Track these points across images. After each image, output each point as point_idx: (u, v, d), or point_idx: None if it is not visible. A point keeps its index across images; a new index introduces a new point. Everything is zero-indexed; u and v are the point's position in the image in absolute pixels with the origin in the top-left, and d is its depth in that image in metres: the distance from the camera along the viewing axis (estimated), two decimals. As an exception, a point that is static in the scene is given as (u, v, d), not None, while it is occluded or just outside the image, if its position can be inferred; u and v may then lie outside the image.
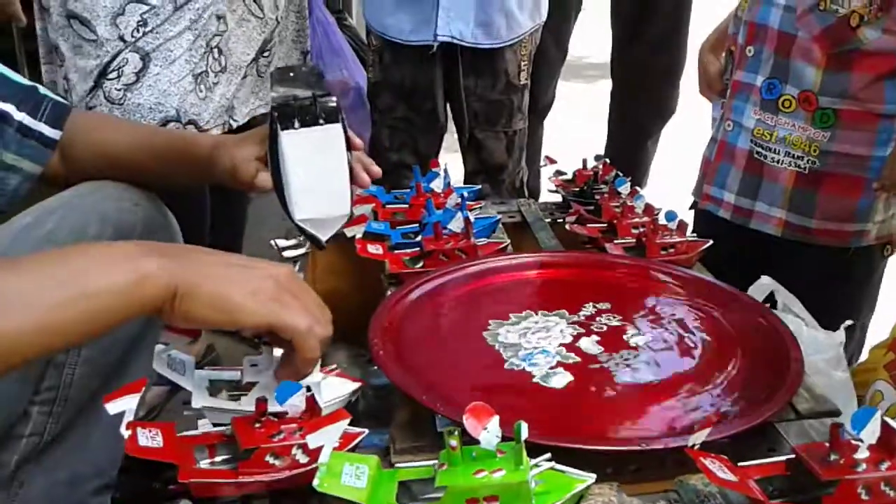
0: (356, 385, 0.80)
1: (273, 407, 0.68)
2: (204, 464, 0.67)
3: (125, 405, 0.64)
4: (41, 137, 0.97)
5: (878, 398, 1.07)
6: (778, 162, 1.29)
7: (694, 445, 0.60)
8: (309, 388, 0.74)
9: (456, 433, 0.61)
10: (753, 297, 1.06)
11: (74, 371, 1.07)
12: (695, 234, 1.12)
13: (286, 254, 1.20)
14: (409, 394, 0.75)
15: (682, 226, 1.10)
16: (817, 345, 1.08)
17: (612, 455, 0.68)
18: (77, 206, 0.94)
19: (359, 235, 1.10)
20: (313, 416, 0.69)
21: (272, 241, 1.24)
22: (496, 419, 0.61)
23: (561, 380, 0.80)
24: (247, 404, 0.74)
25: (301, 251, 1.21)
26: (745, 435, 0.69)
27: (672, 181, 2.04)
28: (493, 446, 0.61)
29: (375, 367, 0.86)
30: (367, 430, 0.71)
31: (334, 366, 0.83)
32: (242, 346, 1.03)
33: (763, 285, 1.16)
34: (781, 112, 1.27)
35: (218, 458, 0.68)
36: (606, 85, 2.28)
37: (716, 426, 0.67)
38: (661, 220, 1.12)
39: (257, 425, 0.67)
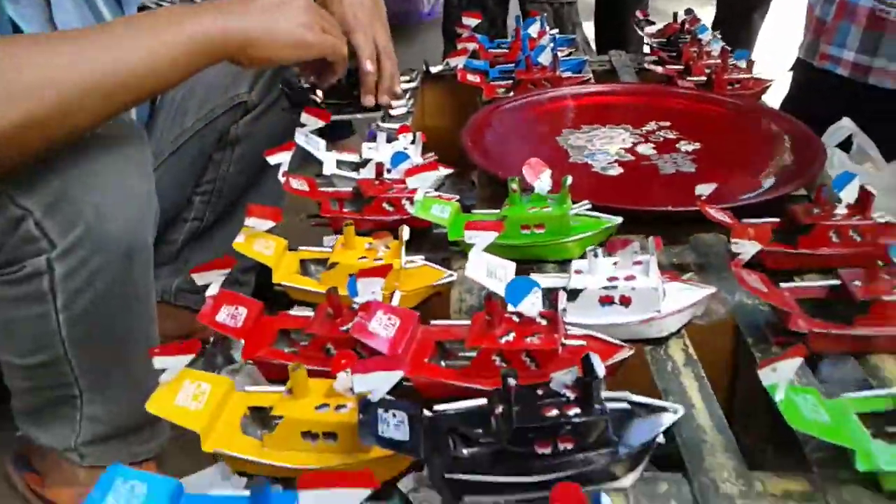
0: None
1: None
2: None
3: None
4: None
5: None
6: None
7: (701, 196, 0.77)
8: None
9: (517, 180, 0.81)
10: (832, 135, 1.17)
11: (229, 167, 1.33)
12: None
13: (402, 86, 1.40)
14: (488, 169, 0.95)
15: (749, 64, 1.22)
16: (877, 179, 1.18)
17: (643, 214, 0.85)
18: None
19: (460, 66, 1.28)
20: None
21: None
22: (548, 171, 0.81)
23: (615, 171, 0.98)
24: (366, 173, 0.96)
25: (413, 85, 1.40)
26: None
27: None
28: (544, 192, 0.80)
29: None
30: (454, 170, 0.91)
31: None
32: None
33: (842, 127, 1.24)
34: None
35: (346, 208, 0.90)
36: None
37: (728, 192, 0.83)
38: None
39: (376, 182, 0.89)
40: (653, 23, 1.49)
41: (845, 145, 1.23)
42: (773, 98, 1.47)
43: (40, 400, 1.01)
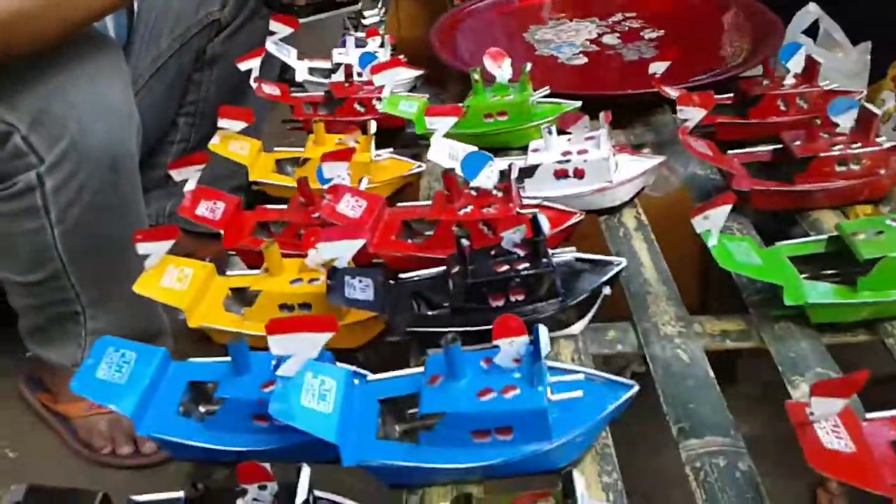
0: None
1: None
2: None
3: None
4: None
5: (880, 105, 1.20)
6: None
7: (655, 74, 0.80)
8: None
9: (478, 70, 0.84)
10: (798, 21, 1.18)
11: (209, 88, 1.35)
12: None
13: (372, -4, 1.40)
14: (454, 65, 0.97)
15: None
16: (842, 63, 1.20)
17: (604, 98, 0.88)
18: None
19: (431, -30, 1.29)
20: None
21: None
22: (508, 60, 0.83)
23: (579, 61, 1.01)
24: (337, 77, 0.99)
25: (385, -6, 1.41)
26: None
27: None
28: (505, 80, 0.83)
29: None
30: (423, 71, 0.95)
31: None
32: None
33: (808, 13, 1.26)
34: None
35: (320, 112, 0.93)
36: None
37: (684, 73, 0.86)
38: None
39: (346, 84, 0.92)
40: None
41: (814, 31, 1.24)
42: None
43: (44, 318, 1.06)
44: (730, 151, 0.73)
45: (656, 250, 0.67)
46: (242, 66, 0.90)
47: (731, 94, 0.82)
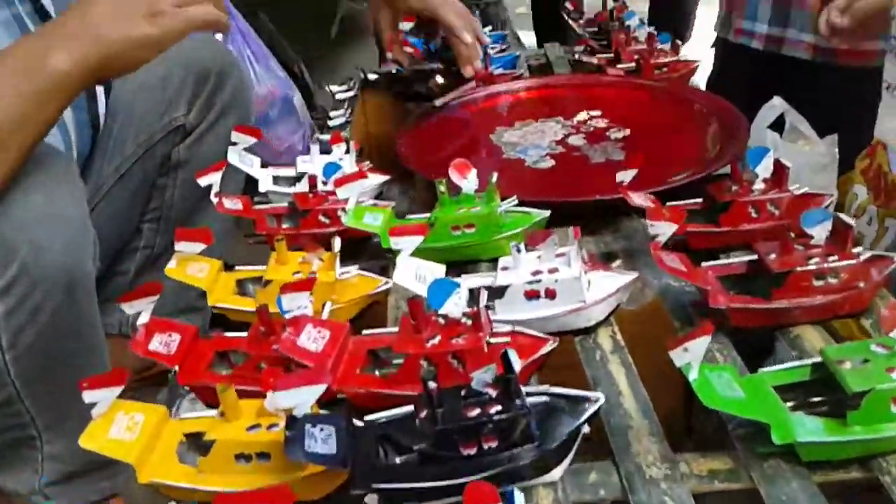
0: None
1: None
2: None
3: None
4: None
5: (852, 199, 1.20)
6: None
7: (622, 182, 0.78)
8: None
9: (444, 182, 0.82)
10: (764, 116, 1.19)
11: (174, 193, 1.33)
12: (688, 57, 1.25)
13: (338, 96, 1.40)
14: (421, 172, 0.96)
15: (674, 46, 1.24)
16: (810, 157, 1.21)
17: (573, 205, 0.87)
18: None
19: (395, 71, 1.29)
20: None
21: (327, 87, 1.45)
22: (474, 171, 0.82)
23: (546, 164, 1.00)
24: (301, 187, 0.97)
25: (351, 94, 1.41)
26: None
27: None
28: (471, 191, 0.81)
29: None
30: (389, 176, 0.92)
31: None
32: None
33: (774, 106, 1.27)
34: None
35: (284, 224, 0.91)
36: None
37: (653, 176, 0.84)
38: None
39: (310, 195, 0.89)
40: (582, 13, 1.51)
41: (780, 124, 1.25)
42: (704, 78, 1.50)
43: (-1, 444, 1.01)
44: (704, 263, 0.71)
45: (635, 375, 0.64)
46: (202, 182, 0.87)
47: (701, 200, 0.81)
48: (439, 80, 1.16)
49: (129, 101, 1.26)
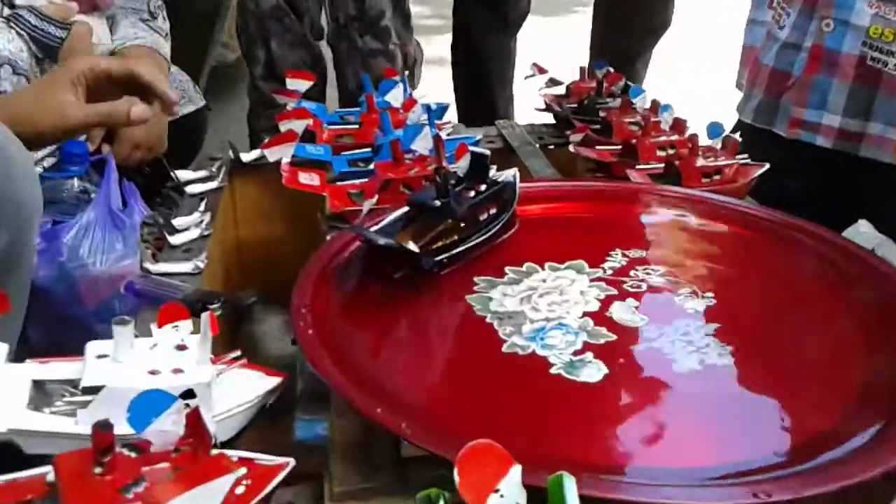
0: (275, 381, 0.50)
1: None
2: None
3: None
4: None
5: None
6: None
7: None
8: (192, 394, 0.45)
9: (443, 497, 0.32)
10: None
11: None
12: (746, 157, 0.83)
13: (190, 189, 0.88)
14: (353, 401, 0.45)
15: (729, 144, 0.81)
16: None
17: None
18: None
19: (285, 160, 0.79)
20: (199, 447, 0.39)
21: (172, 172, 0.93)
22: (517, 470, 0.33)
23: (594, 371, 0.51)
24: (84, 425, 0.45)
25: (211, 185, 0.90)
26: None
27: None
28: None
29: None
30: (292, 462, 0.41)
31: (238, 353, 0.52)
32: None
33: (862, 233, 0.88)
34: None
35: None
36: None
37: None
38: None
39: (97, 470, 0.38)
40: (558, 82, 1.07)
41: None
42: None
43: None
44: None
45: None
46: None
47: None
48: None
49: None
